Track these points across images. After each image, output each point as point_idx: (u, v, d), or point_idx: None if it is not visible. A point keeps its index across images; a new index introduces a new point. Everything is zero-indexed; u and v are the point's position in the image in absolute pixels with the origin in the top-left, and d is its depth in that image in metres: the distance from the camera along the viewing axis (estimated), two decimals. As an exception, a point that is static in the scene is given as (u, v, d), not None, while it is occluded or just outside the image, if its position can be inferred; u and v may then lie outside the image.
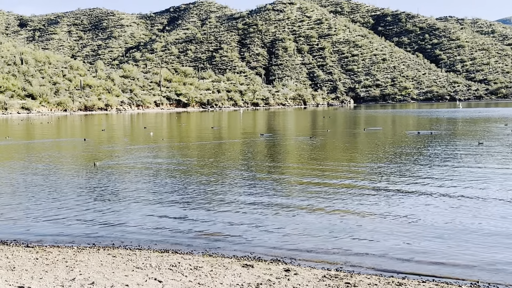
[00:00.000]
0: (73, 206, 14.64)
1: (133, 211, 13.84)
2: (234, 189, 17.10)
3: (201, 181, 18.89)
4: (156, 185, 18.05)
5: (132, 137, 44.94)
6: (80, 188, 17.67)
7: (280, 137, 41.52)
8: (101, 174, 20.95)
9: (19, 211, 14.08)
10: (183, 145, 35.65)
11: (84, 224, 12.57)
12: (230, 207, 14.11)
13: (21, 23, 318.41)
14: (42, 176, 20.83)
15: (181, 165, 23.68)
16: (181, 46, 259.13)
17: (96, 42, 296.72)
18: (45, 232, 11.83)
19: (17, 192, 17.13)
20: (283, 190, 16.90)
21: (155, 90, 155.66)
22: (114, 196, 16.05)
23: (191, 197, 15.75)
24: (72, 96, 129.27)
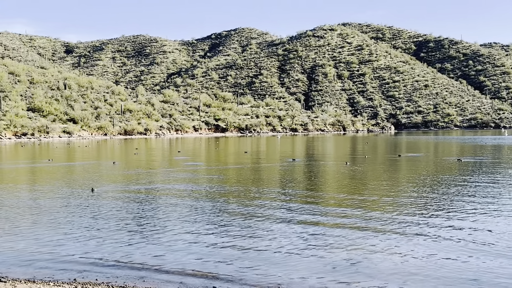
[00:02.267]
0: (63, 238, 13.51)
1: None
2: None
3: (223, 209, 17.58)
4: (154, 213, 16.83)
5: (160, 160, 44.21)
6: (69, 214, 16.60)
7: (313, 162, 39.99)
8: (93, 199, 19.94)
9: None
10: (208, 168, 34.51)
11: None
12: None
13: (67, 50, 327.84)
14: (30, 199, 19.93)
15: (196, 191, 22.46)
16: (222, 71, 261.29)
17: (139, 68, 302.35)
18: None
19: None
20: (309, 220, 15.41)
21: (194, 115, 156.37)
22: (106, 224, 14.89)
23: (212, 227, 14.43)
24: (113, 120, 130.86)
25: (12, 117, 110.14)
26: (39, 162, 42.23)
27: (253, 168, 34.46)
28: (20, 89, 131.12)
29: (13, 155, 55.39)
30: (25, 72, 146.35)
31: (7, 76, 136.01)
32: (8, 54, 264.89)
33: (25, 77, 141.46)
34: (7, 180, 28.43)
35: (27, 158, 48.32)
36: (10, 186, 25.04)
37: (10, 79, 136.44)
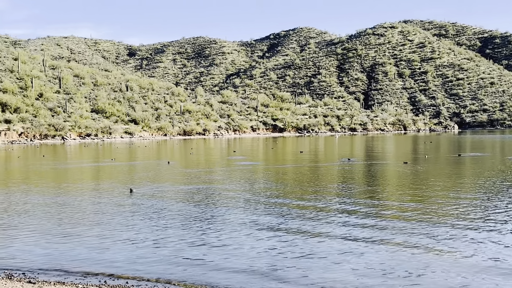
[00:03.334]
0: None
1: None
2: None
3: (277, 209, 17.26)
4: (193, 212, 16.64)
5: (214, 160, 44.36)
6: (108, 214, 16.65)
7: (369, 162, 39.03)
8: (133, 199, 19.98)
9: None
10: (261, 167, 34.22)
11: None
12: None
13: (130, 53, 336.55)
14: (64, 197, 20.20)
15: (246, 190, 22.21)
16: (280, 72, 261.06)
17: (199, 69, 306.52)
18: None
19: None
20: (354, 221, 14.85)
21: (252, 115, 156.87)
22: (148, 223, 14.82)
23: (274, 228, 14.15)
24: (172, 121, 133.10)
25: (77, 119, 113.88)
26: (103, 161, 43.36)
27: (306, 168, 33.95)
28: (84, 91, 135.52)
29: (78, 155, 57.09)
30: (89, 75, 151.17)
31: (72, 79, 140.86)
32: (74, 57, 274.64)
33: (89, 79, 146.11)
34: (72, 179, 29.18)
35: (91, 158, 49.68)
36: (74, 185, 25.65)
37: (75, 81, 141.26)
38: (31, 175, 32.13)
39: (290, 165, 37.60)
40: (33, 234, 13.63)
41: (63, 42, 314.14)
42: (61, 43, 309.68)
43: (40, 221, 15.54)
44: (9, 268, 10.12)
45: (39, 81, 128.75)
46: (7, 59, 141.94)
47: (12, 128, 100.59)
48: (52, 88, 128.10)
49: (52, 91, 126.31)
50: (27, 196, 21.18)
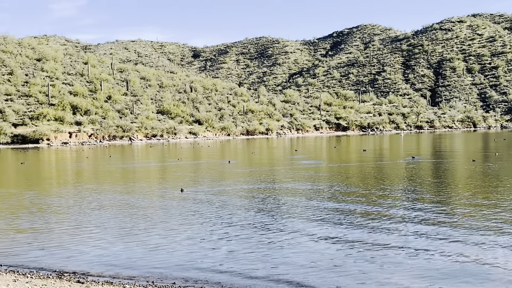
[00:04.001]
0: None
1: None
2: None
3: (340, 208, 16.97)
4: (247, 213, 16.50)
5: (275, 159, 44.24)
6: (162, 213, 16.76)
7: (435, 160, 37.79)
8: (184, 200, 20.04)
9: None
10: (322, 166, 33.80)
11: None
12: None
13: (195, 54, 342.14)
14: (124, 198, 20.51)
15: (304, 189, 21.91)
16: (343, 70, 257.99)
17: (262, 69, 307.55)
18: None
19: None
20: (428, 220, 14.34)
21: (315, 114, 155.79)
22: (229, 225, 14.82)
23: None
24: (235, 121, 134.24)
25: (143, 120, 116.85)
26: (168, 161, 44.28)
27: (367, 167, 33.28)
28: (150, 93, 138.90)
29: (144, 155, 58.52)
30: (155, 77, 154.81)
31: (139, 81, 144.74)
32: (141, 60, 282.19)
33: (155, 81, 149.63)
34: (139, 178, 29.90)
35: (157, 158, 50.81)
36: (139, 185, 26.25)
37: (142, 84, 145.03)
38: (99, 175, 33.16)
39: (351, 163, 37.00)
40: (92, 234, 13.97)
41: (131, 45, 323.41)
42: (128, 47, 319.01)
43: (100, 221, 15.93)
44: (62, 268, 10.35)
45: (108, 84, 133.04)
46: (77, 63, 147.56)
47: (83, 129, 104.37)
48: (120, 90, 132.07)
49: (120, 93, 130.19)
50: (91, 196, 21.83)
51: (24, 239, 13.23)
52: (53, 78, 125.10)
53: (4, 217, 16.70)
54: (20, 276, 9.33)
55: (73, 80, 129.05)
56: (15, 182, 29.96)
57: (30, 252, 11.67)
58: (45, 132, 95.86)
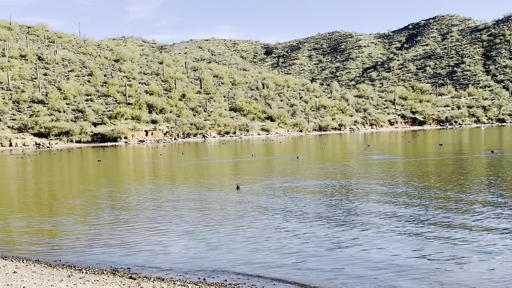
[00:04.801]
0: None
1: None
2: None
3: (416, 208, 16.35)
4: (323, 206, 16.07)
5: (345, 154, 43.36)
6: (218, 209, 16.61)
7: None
8: (242, 196, 19.79)
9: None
10: (393, 161, 32.73)
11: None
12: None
13: (267, 51, 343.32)
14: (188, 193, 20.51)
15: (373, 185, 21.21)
16: (419, 62, 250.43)
17: (335, 64, 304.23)
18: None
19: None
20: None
21: (390, 108, 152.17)
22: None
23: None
24: (307, 117, 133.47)
25: (216, 117, 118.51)
26: (240, 157, 44.60)
27: (441, 161, 31.94)
28: (223, 90, 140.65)
29: (218, 151, 59.23)
30: (228, 75, 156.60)
31: (212, 79, 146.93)
32: (214, 59, 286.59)
33: (227, 79, 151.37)
34: (212, 174, 30.22)
35: (230, 154, 51.28)
36: (211, 181, 26.50)
37: (215, 81, 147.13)
38: (172, 171, 33.79)
39: (425, 158, 35.65)
40: (156, 230, 14.11)
41: (205, 44, 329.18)
42: (202, 46, 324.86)
43: (166, 217, 16.09)
44: (120, 264, 10.40)
45: (182, 82, 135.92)
46: (153, 63, 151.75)
47: (158, 127, 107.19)
48: (193, 88, 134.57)
49: (194, 91, 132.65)
50: (161, 192, 22.18)
51: (89, 235, 13.54)
52: (130, 78, 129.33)
53: (73, 214, 17.23)
54: (75, 272, 9.50)
55: (149, 79, 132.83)
56: (90, 179, 31.03)
57: (92, 249, 11.89)
58: (122, 130, 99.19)
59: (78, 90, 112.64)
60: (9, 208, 19.31)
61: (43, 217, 16.44)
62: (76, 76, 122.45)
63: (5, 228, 14.95)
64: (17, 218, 16.59)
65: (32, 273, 8.99)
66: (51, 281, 8.40)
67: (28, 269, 9.44)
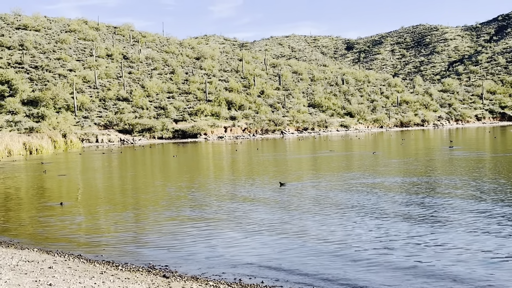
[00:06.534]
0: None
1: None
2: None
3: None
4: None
5: (424, 150, 41.58)
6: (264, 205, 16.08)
7: None
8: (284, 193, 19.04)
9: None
10: (475, 157, 30.92)
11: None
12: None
13: (348, 47, 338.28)
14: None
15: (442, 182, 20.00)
16: (510, 55, 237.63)
17: (419, 58, 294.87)
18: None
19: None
20: None
21: (477, 103, 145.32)
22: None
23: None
24: (388, 112, 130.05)
25: (295, 113, 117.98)
26: (316, 153, 44.02)
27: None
28: (302, 86, 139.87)
29: (295, 147, 58.87)
30: (307, 71, 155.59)
31: (291, 75, 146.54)
32: (294, 55, 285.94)
33: (306, 75, 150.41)
34: (299, 168, 29.96)
35: (308, 150, 50.83)
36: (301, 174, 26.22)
37: (294, 77, 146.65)
38: (241, 166, 33.78)
39: (507, 154, 33.48)
40: (204, 228, 13.92)
41: (285, 41, 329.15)
42: (283, 42, 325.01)
43: (214, 215, 15.89)
44: (160, 263, 10.14)
45: (261, 79, 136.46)
46: (233, 60, 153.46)
47: (237, 124, 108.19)
48: (272, 85, 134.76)
49: (272, 88, 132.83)
50: (223, 188, 22.08)
51: (141, 231, 13.51)
52: (210, 75, 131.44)
53: (135, 209, 17.40)
54: (111, 268, 9.37)
55: (228, 76, 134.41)
56: (161, 174, 31.56)
57: (138, 246, 11.67)
58: (202, 127, 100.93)
59: (161, 88, 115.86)
60: (76, 201, 19.86)
61: (107, 213, 16.67)
62: (159, 74, 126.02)
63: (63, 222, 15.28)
64: (80, 213, 16.89)
65: (66, 269, 8.96)
66: (82, 277, 8.32)
67: (65, 264, 9.42)
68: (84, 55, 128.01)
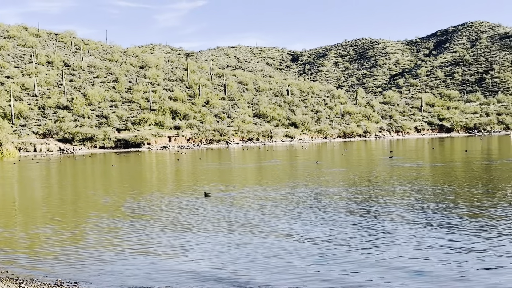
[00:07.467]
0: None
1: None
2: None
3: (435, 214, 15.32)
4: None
5: (364, 160, 42.17)
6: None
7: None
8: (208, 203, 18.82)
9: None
10: (410, 166, 31.47)
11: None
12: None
13: (293, 58, 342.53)
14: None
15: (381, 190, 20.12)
16: (448, 69, 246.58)
17: (361, 71, 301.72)
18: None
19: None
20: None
21: (416, 115, 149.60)
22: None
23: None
24: (332, 123, 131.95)
25: (240, 124, 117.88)
26: (263, 162, 43.75)
27: (461, 167, 30.62)
28: (247, 97, 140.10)
29: (240, 157, 58.53)
30: (252, 81, 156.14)
31: (236, 85, 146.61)
32: (240, 65, 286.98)
33: (252, 85, 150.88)
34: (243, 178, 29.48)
35: (253, 160, 50.54)
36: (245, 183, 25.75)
37: (239, 88, 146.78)
38: (176, 177, 33.13)
39: (445, 164, 34.30)
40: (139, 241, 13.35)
41: (231, 51, 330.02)
42: (229, 53, 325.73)
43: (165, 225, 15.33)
44: (72, 278, 9.49)
45: (206, 89, 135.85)
46: (178, 69, 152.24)
47: (181, 134, 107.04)
48: (217, 95, 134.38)
49: (218, 98, 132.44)
50: (150, 200, 21.46)
51: (52, 247, 12.79)
52: (154, 84, 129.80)
53: (55, 221, 16.55)
54: (13, 286, 8.64)
55: (173, 86, 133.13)
56: (92, 184, 30.53)
57: (53, 261, 10.87)
58: (145, 136, 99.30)
59: (103, 96, 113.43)
60: None
61: (25, 225, 15.68)
62: (102, 82, 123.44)
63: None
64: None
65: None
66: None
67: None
68: (23, 62, 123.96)
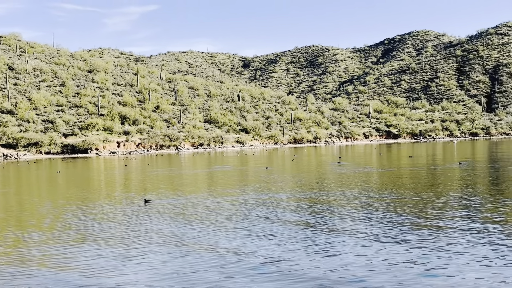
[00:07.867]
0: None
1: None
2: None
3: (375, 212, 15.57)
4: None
5: (313, 165, 42.73)
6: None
7: (483, 165, 35.46)
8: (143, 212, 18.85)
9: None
10: (357, 171, 32.12)
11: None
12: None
13: (244, 64, 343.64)
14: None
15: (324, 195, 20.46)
16: (395, 77, 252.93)
17: (312, 77, 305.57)
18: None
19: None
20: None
21: (365, 122, 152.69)
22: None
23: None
24: (283, 129, 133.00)
25: (190, 129, 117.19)
26: (213, 168, 43.52)
27: (406, 172, 31.44)
28: (198, 102, 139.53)
29: (190, 163, 58.13)
30: (203, 87, 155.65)
31: (187, 91, 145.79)
32: (191, 71, 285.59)
33: (203, 91, 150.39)
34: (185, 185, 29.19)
35: (202, 166, 50.24)
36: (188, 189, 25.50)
37: (190, 93, 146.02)
38: (121, 183, 32.66)
39: (387, 169, 35.15)
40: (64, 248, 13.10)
41: (182, 57, 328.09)
42: (180, 58, 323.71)
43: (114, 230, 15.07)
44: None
45: (156, 94, 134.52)
46: (127, 74, 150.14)
47: (131, 139, 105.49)
48: (168, 100, 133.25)
49: (168, 103, 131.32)
50: (87, 207, 21.10)
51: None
52: (103, 89, 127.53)
53: None
54: None
55: (122, 90, 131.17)
56: (36, 190, 29.75)
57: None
58: (93, 142, 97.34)
59: (49, 101, 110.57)
60: None
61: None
62: (48, 87, 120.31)
63: None
64: None
65: None
66: None
67: None
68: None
